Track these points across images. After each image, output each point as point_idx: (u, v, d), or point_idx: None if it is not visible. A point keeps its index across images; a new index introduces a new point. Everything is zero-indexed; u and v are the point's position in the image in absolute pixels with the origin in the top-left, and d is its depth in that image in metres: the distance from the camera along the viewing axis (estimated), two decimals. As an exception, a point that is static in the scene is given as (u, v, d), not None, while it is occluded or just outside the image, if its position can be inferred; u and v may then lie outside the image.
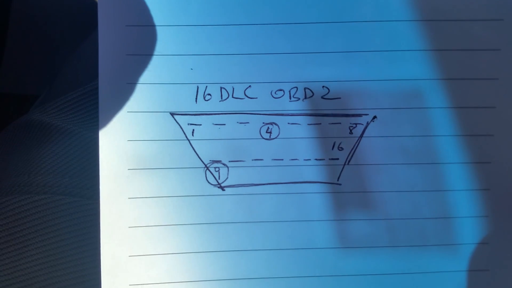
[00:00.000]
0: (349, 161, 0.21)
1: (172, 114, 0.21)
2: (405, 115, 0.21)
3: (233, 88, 0.21)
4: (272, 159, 0.21)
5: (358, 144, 0.21)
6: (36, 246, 0.22)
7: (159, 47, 0.21)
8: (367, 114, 0.21)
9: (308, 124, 0.21)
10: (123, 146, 0.21)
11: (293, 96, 0.21)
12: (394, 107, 0.21)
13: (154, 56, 0.21)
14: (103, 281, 0.20)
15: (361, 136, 0.21)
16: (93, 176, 0.23)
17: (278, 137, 0.21)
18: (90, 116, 0.25)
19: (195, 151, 0.21)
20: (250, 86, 0.21)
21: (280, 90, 0.21)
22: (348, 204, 0.21)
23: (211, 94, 0.21)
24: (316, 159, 0.21)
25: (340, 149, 0.21)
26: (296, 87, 0.21)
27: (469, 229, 0.21)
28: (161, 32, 0.21)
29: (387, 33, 0.21)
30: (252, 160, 0.21)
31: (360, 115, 0.21)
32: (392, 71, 0.21)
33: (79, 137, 0.24)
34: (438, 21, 0.21)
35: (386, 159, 0.21)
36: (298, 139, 0.21)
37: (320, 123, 0.21)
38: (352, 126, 0.21)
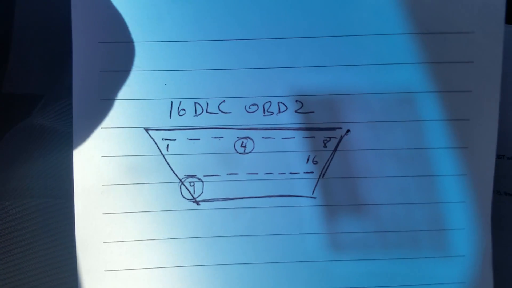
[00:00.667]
0: (323, 175, 0.21)
1: (146, 129, 0.21)
2: (380, 128, 0.21)
3: (207, 103, 0.21)
4: (247, 173, 0.21)
5: (332, 158, 0.21)
6: (38, 249, 0.22)
7: (133, 63, 0.21)
8: (341, 128, 0.21)
9: (282, 138, 0.21)
10: (97, 162, 0.21)
11: (267, 111, 0.21)
12: (367, 120, 0.21)
13: (128, 72, 0.21)
14: (78, 297, 0.21)
15: (335, 149, 0.21)
16: None
17: (253, 151, 0.21)
18: None
19: (169, 166, 0.21)
20: (224, 101, 0.21)
21: (254, 104, 0.21)
22: (323, 217, 0.21)
23: (185, 109, 0.21)
24: (291, 173, 0.21)
25: (314, 162, 0.21)
26: (270, 102, 0.21)
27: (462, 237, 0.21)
28: (134, 48, 0.21)
29: (359, 47, 0.21)
30: (227, 174, 0.21)
31: (333, 129, 0.21)
32: (365, 85, 0.21)
33: None
34: (411, 34, 0.21)
35: (361, 172, 0.21)
36: (273, 153, 0.21)
37: (294, 137, 0.21)
38: (326, 140, 0.21)
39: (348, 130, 0.21)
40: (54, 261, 0.22)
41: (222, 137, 0.21)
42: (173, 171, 0.21)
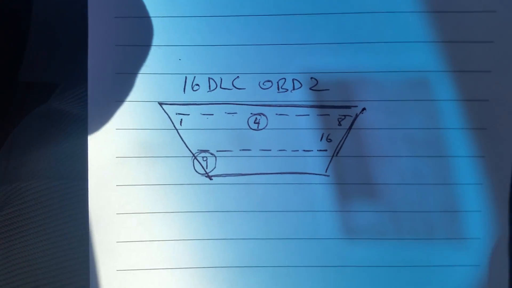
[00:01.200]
0: (337, 153, 0.21)
1: (161, 103, 0.21)
2: (395, 106, 0.21)
3: (221, 79, 0.21)
4: (260, 150, 0.21)
5: (346, 136, 0.21)
6: (54, 229, 0.23)
7: (148, 38, 0.21)
8: (356, 106, 0.21)
9: (296, 115, 0.21)
10: (111, 135, 0.21)
11: (281, 87, 0.21)
12: (383, 99, 0.21)
13: (143, 46, 0.21)
14: (91, 266, 0.21)
15: (350, 128, 0.21)
16: None
17: (266, 127, 0.21)
18: None
19: (183, 141, 0.21)
20: (238, 76, 0.21)
21: (268, 81, 0.21)
22: (335, 195, 0.21)
23: (199, 85, 0.21)
24: (304, 150, 0.21)
25: (328, 140, 0.21)
26: (284, 78, 0.21)
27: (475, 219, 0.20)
28: (150, 23, 0.21)
29: (376, 24, 0.20)
30: (240, 150, 0.21)
31: (349, 107, 0.21)
32: (382, 63, 0.20)
33: None
34: (430, 12, 0.20)
35: (375, 151, 0.21)
36: (286, 130, 0.21)
37: (308, 115, 0.21)
38: (341, 118, 0.21)
39: (364, 109, 0.21)
40: (70, 241, 0.22)
41: (236, 113, 0.21)
42: (186, 146, 0.21)
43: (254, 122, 0.21)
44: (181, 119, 0.21)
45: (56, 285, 0.22)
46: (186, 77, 0.21)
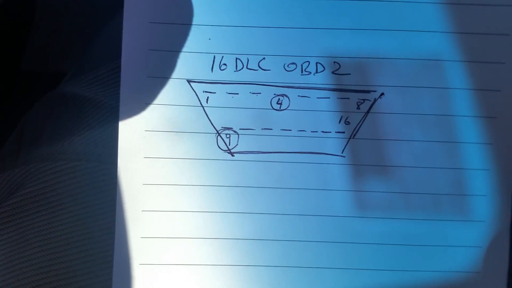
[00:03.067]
0: (354, 135, 0.22)
1: (189, 81, 0.22)
2: (411, 92, 0.22)
3: (248, 60, 0.22)
4: (281, 129, 0.22)
5: (364, 119, 0.22)
6: (69, 210, 0.23)
7: (180, 17, 0.22)
8: (375, 91, 0.22)
9: (317, 98, 0.22)
10: (141, 109, 0.22)
11: (304, 70, 0.22)
12: (401, 85, 0.22)
13: (175, 25, 0.22)
14: (116, 233, 0.22)
15: (368, 111, 0.22)
16: None
17: (288, 108, 0.22)
18: None
19: (208, 118, 0.22)
20: (264, 58, 0.22)
21: (293, 63, 0.22)
22: (350, 175, 0.22)
23: (227, 64, 0.22)
24: (322, 132, 0.22)
25: (346, 123, 0.22)
26: (308, 62, 0.22)
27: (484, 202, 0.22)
28: (182, 3, 0.22)
29: (396, 12, 0.21)
30: (262, 129, 0.22)
31: (368, 91, 0.22)
32: (403, 50, 0.22)
33: (110, 109, 0.25)
34: (449, 4, 0.21)
35: (390, 135, 0.22)
36: (307, 111, 0.22)
37: (329, 97, 0.22)
38: (360, 102, 0.22)
39: (382, 94, 0.22)
40: (84, 221, 0.23)
41: (260, 93, 0.22)
42: (211, 123, 0.22)
43: (277, 103, 0.22)
44: (208, 97, 0.22)
45: (74, 262, 0.23)
46: (214, 57, 0.22)
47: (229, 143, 0.22)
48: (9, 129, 0.28)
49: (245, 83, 0.22)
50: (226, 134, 0.22)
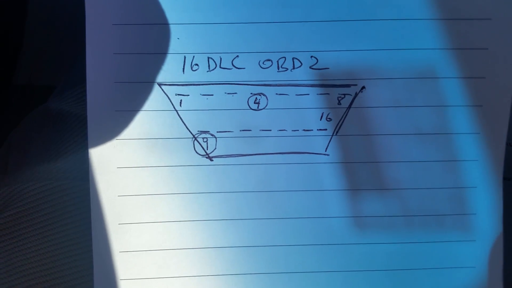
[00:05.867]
0: (337, 132, 0.21)
1: (160, 84, 0.21)
2: (394, 85, 0.21)
3: (221, 58, 0.21)
4: (260, 130, 0.21)
5: (346, 115, 0.21)
6: (57, 230, 0.22)
7: (145, 17, 0.20)
8: (356, 85, 0.21)
9: (296, 95, 0.21)
10: (110, 116, 0.21)
11: (281, 66, 0.21)
12: (383, 77, 0.21)
13: (140, 25, 0.21)
14: (94, 248, 0.21)
15: (349, 106, 0.21)
16: None
17: (266, 107, 0.21)
18: None
19: (183, 122, 0.21)
20: (237, 56, 0.21)
21: (268, 60, 0.21)
22: (336, 174, 0.21)
23: (198, 64, 0.21)
24: (304, 130, 0.21)
25: (328, 119, 0.21)
26: (284, 57, 0.21)
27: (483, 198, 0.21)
28: (146, 2, 0.20)
29: (375, 2, 0.20)
30: (240, 130, 0.21)
31: (348, 86, 0.21)
32: (381, 41, 0.21)
33: None
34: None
35: (375, 129, 0.21)
36: (286, 109, 0.21)
37: (309, 94, 0.21)
38: (340, 97, 0.21)
39: (363, 87, 0.21)
40: (73, 242, 0.22)
41: (236, 93, 0.21)
42: (186, 127, 0.21)
43: (254, 102, 0.21)
44: (181, 100, 0.21)
45: (59, 286, 0.22)
46: (185, 57, 0.21)
47: (207, 147, 0.21)
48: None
49: (219, 83, 0.21)
50: (203, 138, 0.21)
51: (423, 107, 0.21)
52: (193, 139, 0.21)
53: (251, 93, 0.21)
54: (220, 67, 0.21)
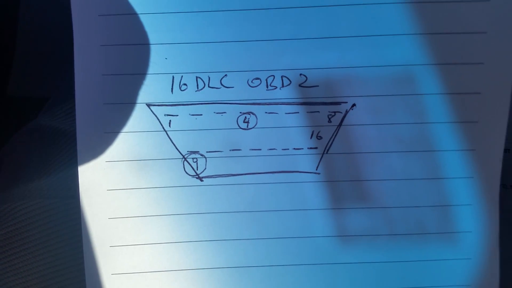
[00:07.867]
0: (328, 150, 0.21)
1: (148, 105, 0.21)
2: (385, 102, 0.20)
3: (209, 78, 0.21)
4: (250, 149, 0.21)
5: (337, 133, 0.21)
6: (49, 249, 0.22)
7: (132, 37, 0.20)
8: (346, 102, 0.20)
9: (286, 113, 0.21)
10: (99, 138, 0.21)
11: (270, 85, 0.21)
12: (373, 94, 0.20)
13: (128, 46, 0.20)
14: (86, 271, 0.21)
15: (340, 124, 0.21)
16: None
17: (256, 126, 0.21)
18: None
19: (172, 142, 0.21)
20: (226, 75, 0.21)
21: (257, 78, 0.21)
22: (327, 193, 0.21)
23: (187, 84, 0.21)
24: (294, 149, 0.21)
25: (318, 138, 0.21)
26: (273, 76, 0.21)
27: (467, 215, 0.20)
28: (134, 21, 0.20)
29: (362, 17, 0.20)
30: (230, 150, 0.21)
31: (338, 103, 0.21)
32: (371, 57, 0.20)
33: None
34: (419, 3, 0.20)
35: (366, 147, 0.21)
36: (276, 128, 0.21)
37: (298, 112, 0.21)
38: (330, 115, 0.21)
39: (354, 105, 0.20)
40: (66, 260, 0.22)
41: (225, 112, 0.21)
42: (176, 147, 0.21)
43: (244, 122, 0.21)
44: (170, 120, 0.21)
45: None
46: (173, 77, 0.21)
47: (197, 167, 0.21)
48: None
49: (208, 103, 0.21)
50: (193, 159, 0.21)
51: (413, 124, 0.20)
52: (183, 159, 0.21)
53: (240, 112, 0.21)
54: (208, 86, 0.21)
